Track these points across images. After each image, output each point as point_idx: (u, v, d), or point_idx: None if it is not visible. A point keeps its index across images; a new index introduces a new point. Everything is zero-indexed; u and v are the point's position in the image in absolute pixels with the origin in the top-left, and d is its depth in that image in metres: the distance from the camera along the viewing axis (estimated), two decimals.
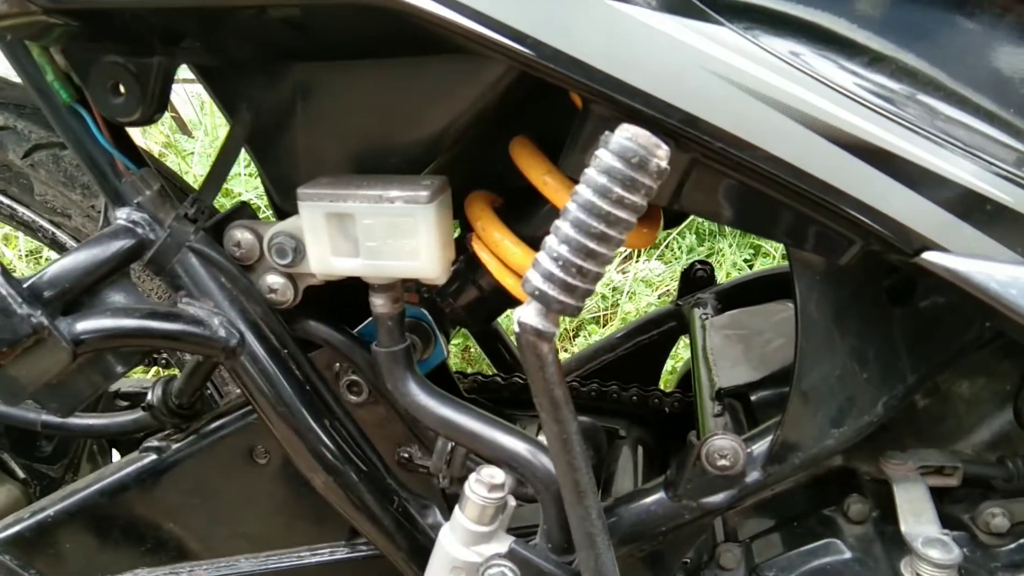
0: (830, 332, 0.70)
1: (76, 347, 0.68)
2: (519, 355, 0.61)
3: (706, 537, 0.89)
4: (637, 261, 2.76)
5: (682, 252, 2.84)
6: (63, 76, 0.72)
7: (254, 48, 0.74)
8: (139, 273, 1.06)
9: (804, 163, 0.57)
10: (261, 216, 0.85)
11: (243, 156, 0.82)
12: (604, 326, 2.54)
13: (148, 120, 0.71)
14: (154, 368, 1.99)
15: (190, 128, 3.39)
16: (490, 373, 1.36)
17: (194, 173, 3.02)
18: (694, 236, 2.89)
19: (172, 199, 0.76)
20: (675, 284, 2.65)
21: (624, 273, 2.70)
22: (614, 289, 2.62)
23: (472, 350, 2.40)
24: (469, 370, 1.40)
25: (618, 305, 2.58)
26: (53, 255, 1.04)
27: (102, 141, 0.73)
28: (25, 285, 0.68)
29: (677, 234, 2.83)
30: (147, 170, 0.76)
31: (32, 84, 0.74)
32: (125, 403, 1.38)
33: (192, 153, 3.17)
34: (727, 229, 2.88)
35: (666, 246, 2.83)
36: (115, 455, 1.46)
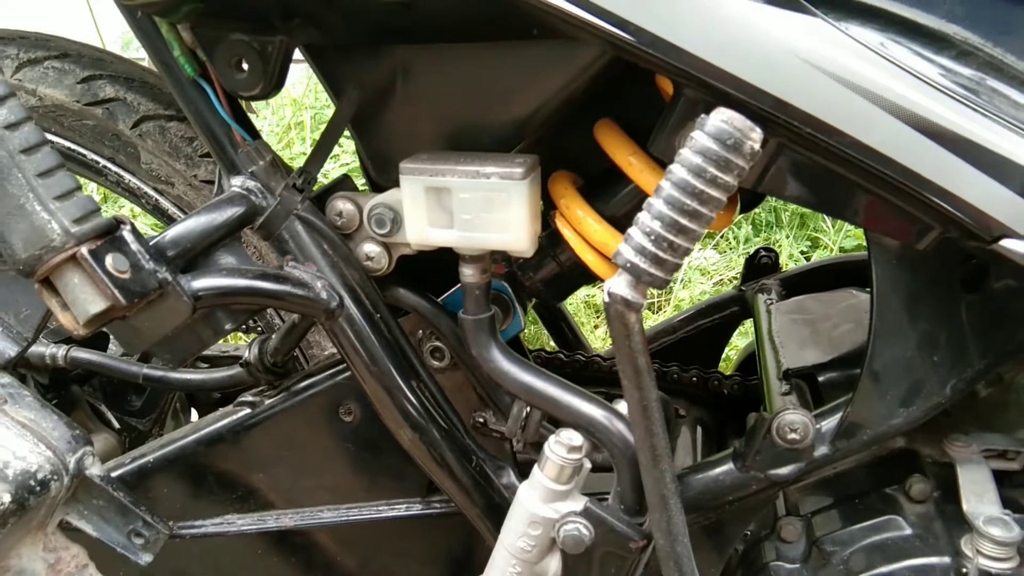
0: (904, 315, 0.72)
1: (195, 302, 0.74)
2: (607, 324, 0.64)
3: (767, 512, 0.92)
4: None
5: (738, 242, 2.84)
6: (188, 52, 0.78)
7: (362, 30, 0.79)
8: None
9: (888, 149, 0.60)
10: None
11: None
12: (658, 312, 2.56)
13: (266, 95, 0.77)
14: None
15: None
16: (552, 349, 1.40)
17: None
18: (750, 226, 2.89)
19: (282, 170, 0.81)
20: (730, 273, 2.66)
21: None
22: None
23: (525, 331, 2.44)
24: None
25: (672, 292, 2.59)
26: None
27: (222, 113, 0.79)
28: (151, 244, 0.74)
29: (733, 224, 2.83)
30: (260, 142, 0.82)
31: (158, 58, 0.79)
32: (205, 364, 1.46)
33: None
34: (784, 220, 2.87)
35: (722, 236, 2.84)
36: (194, 415, 1.54)
